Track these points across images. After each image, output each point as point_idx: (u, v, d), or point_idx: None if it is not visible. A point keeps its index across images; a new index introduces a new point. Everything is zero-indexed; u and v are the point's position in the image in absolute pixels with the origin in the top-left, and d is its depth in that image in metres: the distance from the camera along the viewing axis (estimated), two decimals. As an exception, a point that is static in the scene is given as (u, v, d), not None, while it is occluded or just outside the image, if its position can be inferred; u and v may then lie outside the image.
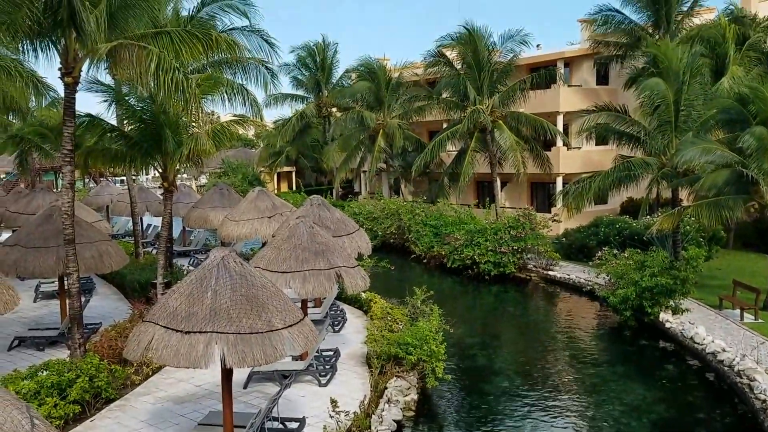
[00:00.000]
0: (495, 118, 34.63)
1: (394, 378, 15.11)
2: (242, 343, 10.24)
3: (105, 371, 14.01)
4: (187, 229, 32.89)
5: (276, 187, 58.34)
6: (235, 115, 38.70)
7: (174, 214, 23.15)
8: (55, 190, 35.03)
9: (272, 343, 10.47)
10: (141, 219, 30.18)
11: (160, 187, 45.84)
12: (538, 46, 41.76)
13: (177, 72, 12.56)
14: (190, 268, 26.42)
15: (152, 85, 12.65)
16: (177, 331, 10.28)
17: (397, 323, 18.09)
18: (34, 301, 23.00)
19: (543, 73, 34.81)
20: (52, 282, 22.65)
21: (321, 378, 15.21)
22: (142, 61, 12.40)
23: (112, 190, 38.67)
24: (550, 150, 36.75)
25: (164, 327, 10.38)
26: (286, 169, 58.40)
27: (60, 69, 13.79)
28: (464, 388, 16.95)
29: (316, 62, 49.34)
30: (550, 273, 28.92)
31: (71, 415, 12.86)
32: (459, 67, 35.79)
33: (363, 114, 42.11)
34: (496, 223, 30.46)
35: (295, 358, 15.17)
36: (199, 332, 10.20)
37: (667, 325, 20.62)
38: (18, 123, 31.16)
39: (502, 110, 34.96)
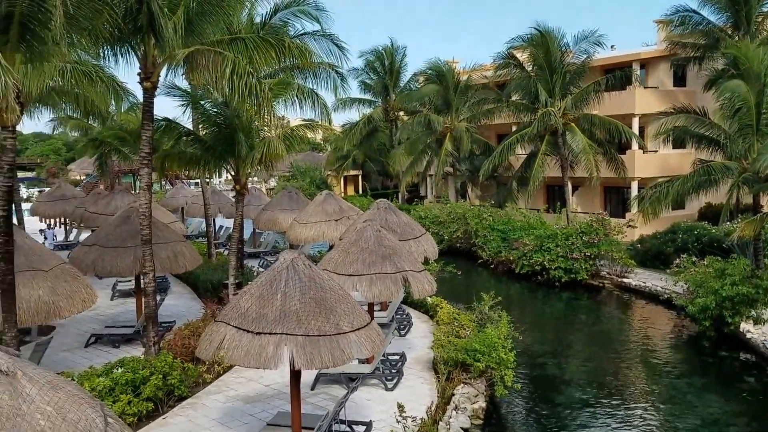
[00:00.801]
0: (567, 120, 33.96)
1: (462, 385, 14.93)
2: (311, 345, 10.30)
3: (178, 369, 14.28)
4: (257, 230, 33.44)
5: (342, 190, 58.83)
6: (303, 120, 39.19)
7: (245, 216, 23.57)
8: (133, 192, 36.20)
9: (340, 345, 10.48)
10: (213, 221, 30.84)
11: (231, 190, 46.88)
12: (612, 47, 40.82)
13: (251, 77, 12.78)
14: (260, 269, 26.82)
15: (227, 89, 12.90)
16: (248, 331, 10.41)
17: (464, 329, 17.89)
18: (111, 299, 23.70)
19: (618, 75, 33.94)
20: (129, 281, 23.32)
21: (387, 382, 15.16)
22: (217, 66, 12.66)
23: (186, 192, 39.69)
24: (624, 153, 35.79)
25: (236, 327, 10.53)
26: (352, 172, 58.84)
27: (139, 74, 14.22)
28: (534, 397, 16.61)
29: (384, 66, 49.50)
30: (625, 280, 28.12)
31: (144, 412, 13.15)
32: (530, 68, 35.27)
33: (430, 117, 41.97)
34: (568, 228, 29.84)
35: (361, 362, 15.16)
36: (269, 333, 10.31)
37: (748, 335, 19.75)
38: (98, 127, 32.37)
39: (574, 112, 34.24)
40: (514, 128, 39.26)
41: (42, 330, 18.49)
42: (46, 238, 34.09)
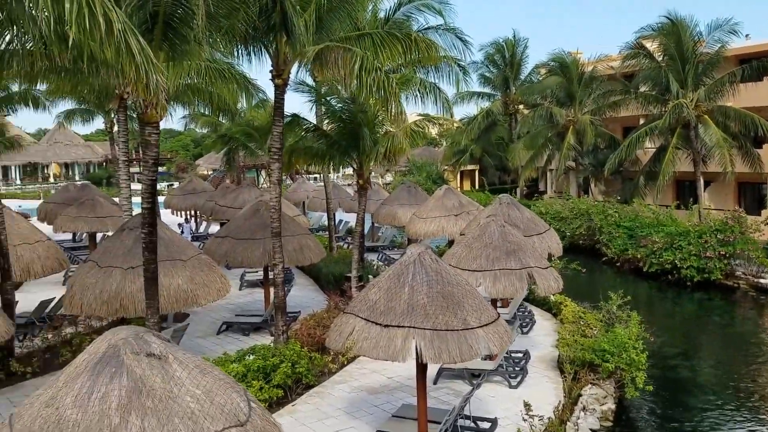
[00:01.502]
0: (700, 112, 32.16)
1: (589, 385, 14.46)
2: (438, 339, 10.30)
3: (305, 358, 14.64)
4: (375, 225, 33.83)
5: (459, 185, 58.50)
6: (419, 114, 39.22)
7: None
8: (258, 187, 37.54)
9: (467, 341, 10.43)
10: (334, 215, 31.49)
11: (348, 185, 47.62)
12: (747, 36, 38.22)
13: (378, 72, 12.89)
14: (379, 263, 27.12)
15: (355, 85, 13.08)
16: (376, 324, 10.54)
17: (591, 328, 17.31)
18: (240, 289, 24.61)
19: (754, 65, 31.76)
20: (256, 271, 24.18)
21: (511, 379, 14.91)
22: (346, 62, 12.87)
23: (307, 186, 40.73)
24: (761, 147, 33.48)
25: (365, 319, 10.68)
26: (469, 167, 58.37)
27: (271, 71, 14.67)
28: (666, 400, 15.86)
29: (504, 59, 48.69)
30: (762, 281, 26.33)
31: (275, 398, 13.56)
32: (660, 58, 33.64)
33: (552, 110, 40.93)
34: (701, 225, 28.28)
35: (484, 358, 14.99)
36: (398, 326, 10.40)
37: None
38: (227, 123, 33.76)
39: (707, 104, 32.37)
40: (641, 121, 37.61)
41: (177, 317, 19.55)
42: (182, 232, 35.98)
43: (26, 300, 19.26)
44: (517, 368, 15.46)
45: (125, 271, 14.42)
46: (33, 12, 8.71)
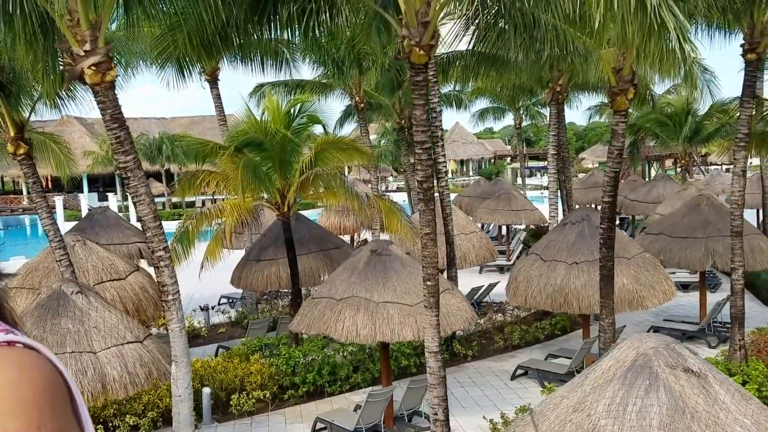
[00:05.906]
0: None
1: None
2: None
3: (773, 379, 12.59)
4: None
5: None
6: None
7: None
8: (676, 180, 34.71)
9: None
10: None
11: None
12: None
13: None
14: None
15: None
16: None
17: None
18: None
19: None
20: (673, 272, 22.14)
21: None
22: None
23: (723, 179, 36.64)
24: None
25: None
26: None
27: (742, 45, 12.80)
28: None
29: None
30: None
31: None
32: None
33: None
34: None
35: None
36: None
37: None
38: (636, 112, 31.76)
39: None
40: None
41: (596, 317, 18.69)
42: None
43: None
44: None
45: (569, 266, 13.98)
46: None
